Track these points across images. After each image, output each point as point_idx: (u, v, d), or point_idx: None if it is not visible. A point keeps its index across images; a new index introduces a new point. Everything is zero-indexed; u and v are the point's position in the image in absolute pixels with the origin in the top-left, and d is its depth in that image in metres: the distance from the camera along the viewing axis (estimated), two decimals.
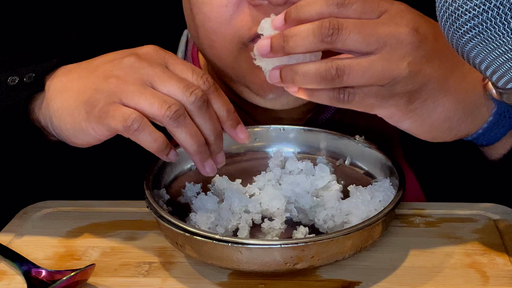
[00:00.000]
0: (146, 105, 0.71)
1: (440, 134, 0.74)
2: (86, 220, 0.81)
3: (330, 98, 0.69)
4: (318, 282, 0.70)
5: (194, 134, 0.72)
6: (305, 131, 0.85)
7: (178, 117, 0.71)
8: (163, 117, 0.70)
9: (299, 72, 0.69)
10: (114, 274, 0.72)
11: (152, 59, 0.74)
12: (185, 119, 0.71)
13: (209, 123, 0.73)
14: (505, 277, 0.70)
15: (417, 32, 0.69)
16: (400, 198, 0.72)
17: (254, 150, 0.85)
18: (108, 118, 0.71)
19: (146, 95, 0.71)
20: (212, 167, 0.74)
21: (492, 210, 0.81)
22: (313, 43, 0.68)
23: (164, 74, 0.73)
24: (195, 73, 0.74)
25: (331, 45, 0.68)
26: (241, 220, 0.74)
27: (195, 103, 0.72)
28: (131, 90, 0.71)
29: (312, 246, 0.66)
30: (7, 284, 0.71)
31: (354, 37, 0.68)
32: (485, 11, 0.54)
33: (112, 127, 0.71)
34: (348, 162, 0.82)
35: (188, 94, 0.71)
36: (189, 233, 0.67)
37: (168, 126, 0.71)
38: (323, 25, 0.67)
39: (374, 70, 0.67)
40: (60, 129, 0.76)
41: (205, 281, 0.70)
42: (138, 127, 0.70)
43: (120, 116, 0.71)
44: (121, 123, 0.70)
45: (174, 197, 0.78)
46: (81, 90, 0.74)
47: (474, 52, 0.57)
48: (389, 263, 0.72)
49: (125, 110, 0.71)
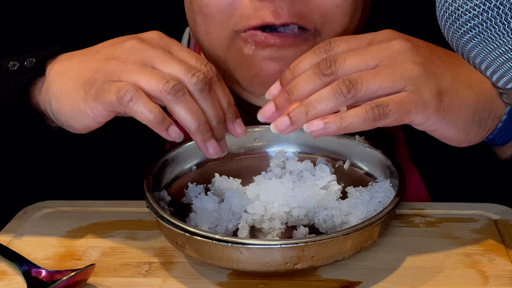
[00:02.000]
0: (143, 81, 0.70)
1: (473, 130, 0.74)
2: (86, 220, 0.81)
3: (364, 119, 0.68)
4: (318, 282, 0.70)
5: (194, 111, 0.70)
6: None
7: (176, 92, 0.69)
8: (161, 92, 0.69)
9: (312, 101, 0.69)
10: (114, 274, 0.72)
11: (155, 43, 0.74)
12: (184, 95, 0.70)
13: (211, 107, 0.72)
14: (505, 277, 0.70)
15: (409, 41, 0.71)
16: (400, 198, 0.72)
17: (254, 150, 0.85)
18: (104, 94, 0.71)
19: (145, 73, 0.70)
20: (216, 148, 0.73)
21: (492, 210, 0.81)
22: (316, 80, 0.69)
23: (166, 56, 0.72)
24: (199, 60, 0.74)
25: (333, 76, 0.69)
26: (241, 220, 0.74)
27: (197, 85, 0.71)
28: (130, 68, 0.71)
29: (312, 246, 0.66)
30: (7, 284, 0.71)
31: (351, 61, 0.69)
32: (485, 11, 0.54)
33: (107, 101, 0.70)
34: (347, 166, 0.82)
35: (190, 76, 0.71)
36: (189, 233, 0.67)
37: (167, 101, 0.70)
38: (320, 63, 0.69)
39: (384, 74, 0.68)
40: (59, 112, 0.76)
41: (205, 281, 0.70)
42: (132, 97, 0.69)
43: (115, 89, 0.70)
44: (115, 95, 0.69)
45: (175, 198, 0.78)
46: (81, 72, 0.74)
47: (474, 52, 0.57)
48: (389, 263, 0.72)
49: (119, 83, 0.70)
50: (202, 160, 0.83)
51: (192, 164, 0.82)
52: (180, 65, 0.71)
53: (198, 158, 0.83)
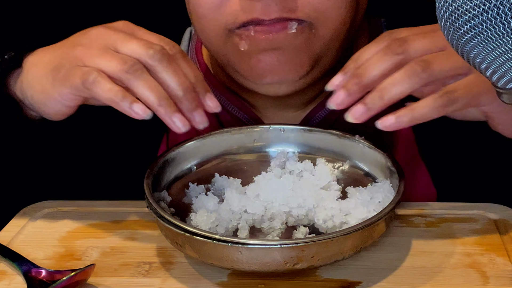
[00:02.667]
0: (105, 65, 0.73)
1: None
2: (86, 220, 0.81)
3: (435, 107, 0.69)
4: (318, 282, 0.70)
5: (153, 87, 0.72)
6: (305, 131, 0.85)
7: (135, 70, 0.72)
8: (120, 72, 0.72)
9: (386, 85, 0.70)
10: (114, 274, 0.72)
11: (119, 28, 0.77)
12: (143, 73, 0.72)
13: (173, 77, 0.73)
14: (505, 277, 0.70)
15: None
16: (400, 199, 0.72)
17: (254, 150, 0.85)
18: (70, 78, 0.74)
19: (106, 56, 0.73)
20: (183, 122, 0.73)
21: (492, 210, 0.81)
22: (388, 60, 0.70)
23: (126, 37, 0.75)
24: (162, 40, 0.76)
25: (404, 55, 0.70)
26: (241, 220, 0.74)
27: (155, 56, 0.73)
28: (93, 53, 0.74)
29: (312, 246, 0.66)
30: (7, 284, 0.71)
31: (421, 42, 0.71)
32: (485, 11, 0.54)
33: (73, 84, 0.73)
34: (346, 167, 0.82)
35: (147, 49, 0.73)
36: (189, 233, 0.67)
37: (126, 80, 0.72)
38: (390, 44, 0.71)
39: (454, 54, 0.69)
40: (32, 99, 0.79)
41: (205, 281, 0.70)
42: (94, 79, 0.72)
43: (80, 72, 0.73)
44: (80, 79, 0.72)
45: (175, 198, 0.78)
46: (51, 59, 0.78)
47: (474, 52, 0.57)
48: (389, 263, 0.72)
49: (84, 68, 0.73)
50: (202, 160, 0.83)
51: (192, 164, 0.82)
52: (139, 43, 0.74)
53: (198, 158, 0.83)
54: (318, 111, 0.91)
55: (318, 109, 0.91)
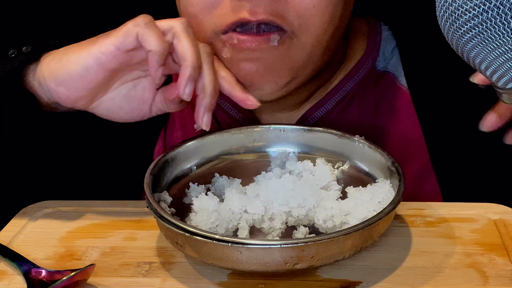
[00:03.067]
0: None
1: None
2: (86, 220, 0.81)
3: None
4: (318, 282, 0.70)
5: (195, 52, 0.76)
6: (305, 131, 0.85)
7: (186, 27, 0.77)
8: (174, 26, 0.76)
9: None
10: (114, 274, 0.72)
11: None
12: (190, 34, 0.77)
13: (211, 74, 0.77)
14: (505, 277, 0.70)
15: None
16: (400, 199, 0.72)
17: (254, 150, 0.85)
18: (119, 28, 0.76)
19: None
20: (190, 92, 0.76)
21: (492, 210, 0.81)
22: None
23: (177, 33, 0.77)
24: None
25: None
26: (241, 220, 0.74)
27: (207, 51, 0.78)
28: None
29: (312, 246, 0.66)
30: (7, 284, 0.71)
31: None
32: (485, 11, 0.54)
33: (121, 31, 0.75)
34: (346, 167, 0.82)
35: (198, 44, 0.78)
36: (189, 233, 0.67)
37: (180, 31, 0.76)
38: None
39: None
40: (57, 75, 0.78)
41: (205, 281, 0.70)
42: (147, 21, 0.75)
43: (131, 22, 0.76)
44: (131, 23, 0.75)
45: (175, 198, 0.78)
46: (82, 43, 0.78)
47: (474, 52, 0.57)
48: (389, 263, 0.72)
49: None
50: (202, 160, 0.83)
51: (192, 164, 0.82)
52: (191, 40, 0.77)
53: (198, 158, 0.83)
54: (314, 111, 0.91)
55: (314, 109, 0.91)
